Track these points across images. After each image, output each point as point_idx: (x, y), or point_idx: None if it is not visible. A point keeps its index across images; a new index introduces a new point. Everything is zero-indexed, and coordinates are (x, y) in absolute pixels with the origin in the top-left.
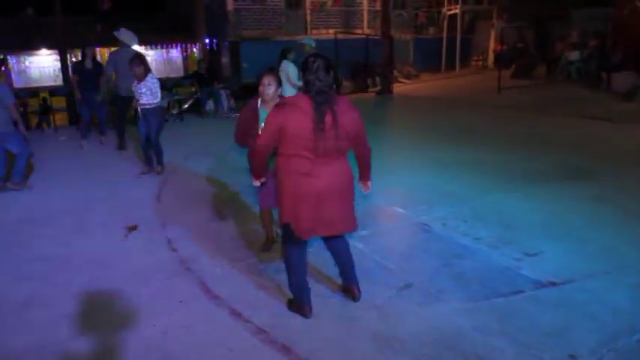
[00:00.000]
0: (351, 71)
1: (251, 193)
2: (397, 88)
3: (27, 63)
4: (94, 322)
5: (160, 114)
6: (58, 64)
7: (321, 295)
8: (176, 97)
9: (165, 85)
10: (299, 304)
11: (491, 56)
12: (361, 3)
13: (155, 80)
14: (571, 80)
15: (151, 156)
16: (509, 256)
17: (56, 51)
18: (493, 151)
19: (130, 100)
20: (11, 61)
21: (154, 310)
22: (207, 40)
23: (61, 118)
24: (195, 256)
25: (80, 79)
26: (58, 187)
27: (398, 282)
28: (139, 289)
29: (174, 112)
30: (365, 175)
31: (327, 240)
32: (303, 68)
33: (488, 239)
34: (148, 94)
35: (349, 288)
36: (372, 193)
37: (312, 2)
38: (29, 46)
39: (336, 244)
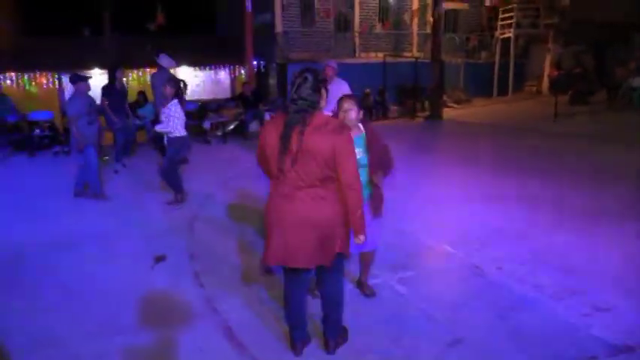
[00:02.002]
0: (399, 95)
1: None
2: (447, 113)
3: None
4: None
5: (176, 144)
6: None
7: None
8: (221, 120)
9: (210, 106)
10: (290, 340)
11: (545, 82)
12: (411, 26)
13: (178, 108)
14: (633, 107)
15: (178, 184)
16: (575, 310)
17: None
18: (551, 184)
19: None
20: (65, 80)
21: (172, 356)
22: (254, 62)
23: (109, 138)
24: (222, 293)
25: (110, 102)
26: (89, 210)
27: (446, 336)
28: (158, 331)
29: (219, 133)
30: (351, 223)
31: (317, 278)
32: (291, 83)
33: (550, 288)
34: (164, 120)
35: (325, 339)
36: (418, 229)
37: (361, 25)
38: (83, 65)
39: (324, 284)
